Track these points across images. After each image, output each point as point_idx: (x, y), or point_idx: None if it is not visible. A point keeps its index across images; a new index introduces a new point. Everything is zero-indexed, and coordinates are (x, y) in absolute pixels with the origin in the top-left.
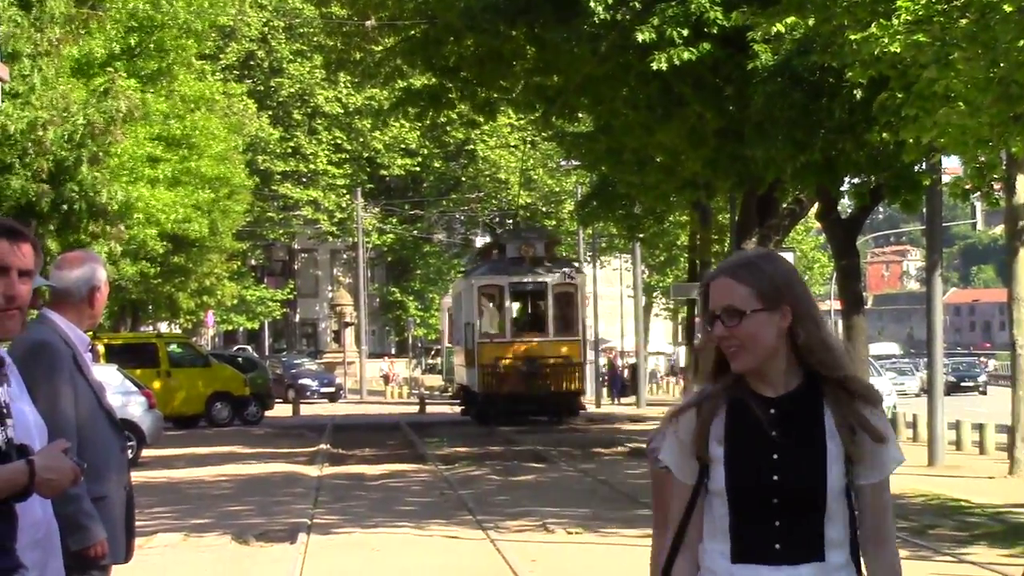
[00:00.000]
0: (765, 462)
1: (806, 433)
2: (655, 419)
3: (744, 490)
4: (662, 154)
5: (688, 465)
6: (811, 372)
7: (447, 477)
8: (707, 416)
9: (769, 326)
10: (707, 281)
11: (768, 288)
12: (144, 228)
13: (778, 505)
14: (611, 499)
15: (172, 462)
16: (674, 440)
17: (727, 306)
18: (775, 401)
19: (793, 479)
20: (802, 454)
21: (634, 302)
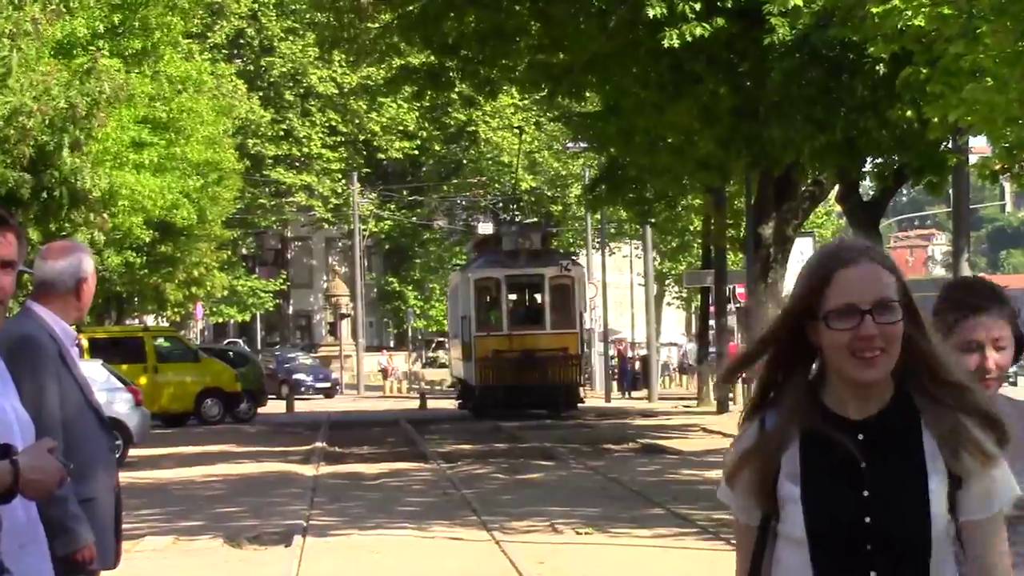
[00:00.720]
0: (854, 501)
1: (903, 463)
2: (667, 414)
3: (829, 536)
4: (674, 135)
5: (753, 503)
6: (900, 386)
7: (450, 476)
8: (774, 446)
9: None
10: (835, 267)
11: (902, 280)
12: (129, 216)
13: (872, 553)
14: (622, 498)
15: (160, 462)
16: (733, 478)
17: (881, 299)
18: (863, 424)
19: (890, 520)
20: (900, 489)
21: (645, 291)
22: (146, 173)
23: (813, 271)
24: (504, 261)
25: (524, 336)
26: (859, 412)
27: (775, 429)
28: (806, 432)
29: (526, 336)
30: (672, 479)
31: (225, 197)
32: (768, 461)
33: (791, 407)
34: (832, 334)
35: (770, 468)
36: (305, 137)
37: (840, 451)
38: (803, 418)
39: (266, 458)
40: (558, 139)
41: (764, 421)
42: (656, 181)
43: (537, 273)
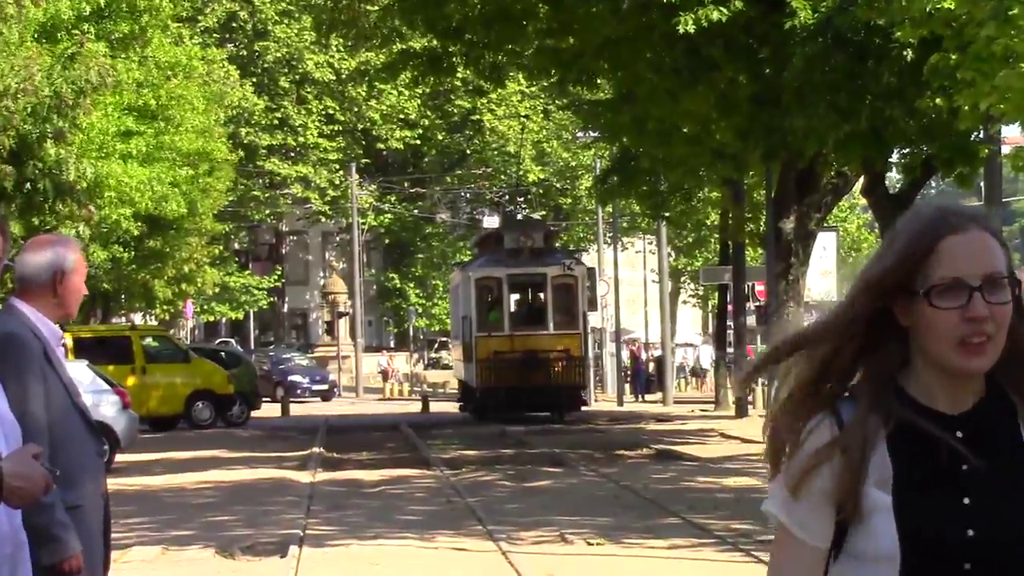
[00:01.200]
0: (956, 510)
1: (1006, 465)
2: (683, 418)
3: (925, 552)
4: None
5: (821, 520)
6: (989, 377)
7: (454, 483)
8: (862, 443)
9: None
10: (942, 234)
11: (1010, 254)
12: (116, 209)
13: (971, 572)
14: (635, 506)
15: (149, 468)
16: (802, 485)
17: (992, 273)
18: (958, 420)
19: (996, 531)
20: (1006, 496)
21: (659, 288)
22: (133, 164)
23: (914, 238)
24: (506, 260)
25: (526, 337)
26: (952, 406)
27: (858, 423)
28: (896, 428)
29: (528, 337)
30: (688, 487)
31: (217, 189)
32: (857, 461)
33: (874, 398)
34: (936, 314)
35: (860, 469)
36: (301, 126)
37: (939, 451)
38: (891, 412)
39: (260, 464)
40: (567, 128)
41: (839, 414)
42: (671, 173)
43: (539, 272)
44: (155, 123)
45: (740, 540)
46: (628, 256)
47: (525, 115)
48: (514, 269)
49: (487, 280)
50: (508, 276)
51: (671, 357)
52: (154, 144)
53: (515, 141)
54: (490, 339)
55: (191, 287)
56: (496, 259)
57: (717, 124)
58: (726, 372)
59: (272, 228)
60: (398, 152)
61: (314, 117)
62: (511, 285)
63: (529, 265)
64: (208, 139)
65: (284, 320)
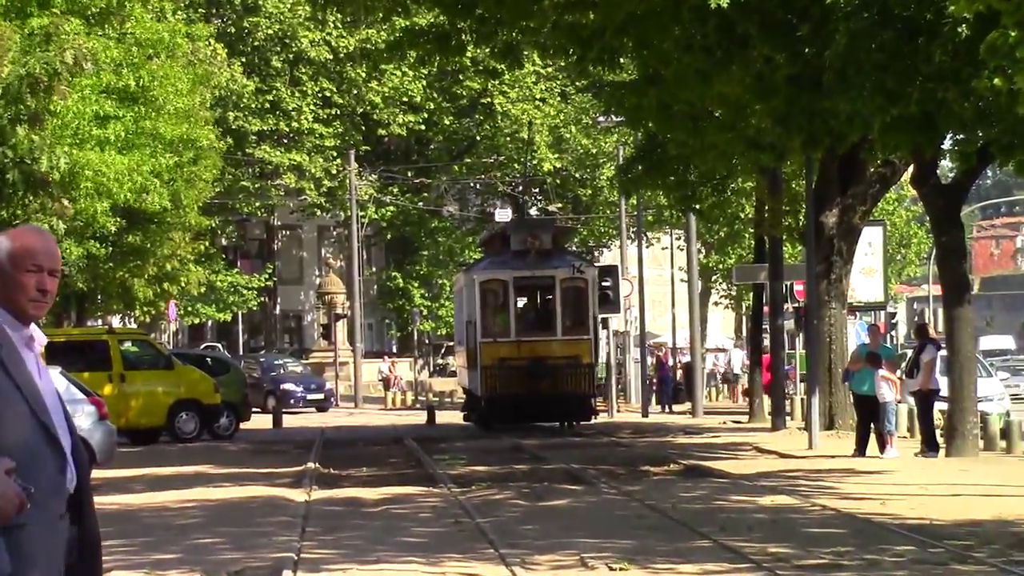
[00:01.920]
0: None
1: None
2: (714, 430)
3: None
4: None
5: None
6: None
7: (462, 502)
8: None
9: None
10: None
11: None
12: (92, 201)
13: None
14: (662, 528)
15: (128, 485)
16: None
17: None
18: None
19: None
20: None
21: (688, 288)
22: (111, 151)
23: None
24: (512, 262)
25: (533, 343)
26: None
27: None
28: None
29: (535, 343)
30: (720, 506)
31: (202, 179)
32: None
33: None
34: None
35: None
36: (294, 110)
37: None
38: None
39: (250, 481)
40: (587, 112)
41: None
42: (701, 161)
43: (547, 275)
44: (135, 107)
45: (777, 565)
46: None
47: (541, 98)
48: (521, 272)
49: (492, 283)
50: (514, 279)
51: (701, 363)
52: (134, 130)
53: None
54: (495, 345)
55: (174, 287)
56: (502, 261)
57: (752, 108)
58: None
59: (263, 222)
60: (401, 138)
61: (309, 100)
62: (517, 288)
63: (536, 267)
64: (193, 124)
65: (276, 323)
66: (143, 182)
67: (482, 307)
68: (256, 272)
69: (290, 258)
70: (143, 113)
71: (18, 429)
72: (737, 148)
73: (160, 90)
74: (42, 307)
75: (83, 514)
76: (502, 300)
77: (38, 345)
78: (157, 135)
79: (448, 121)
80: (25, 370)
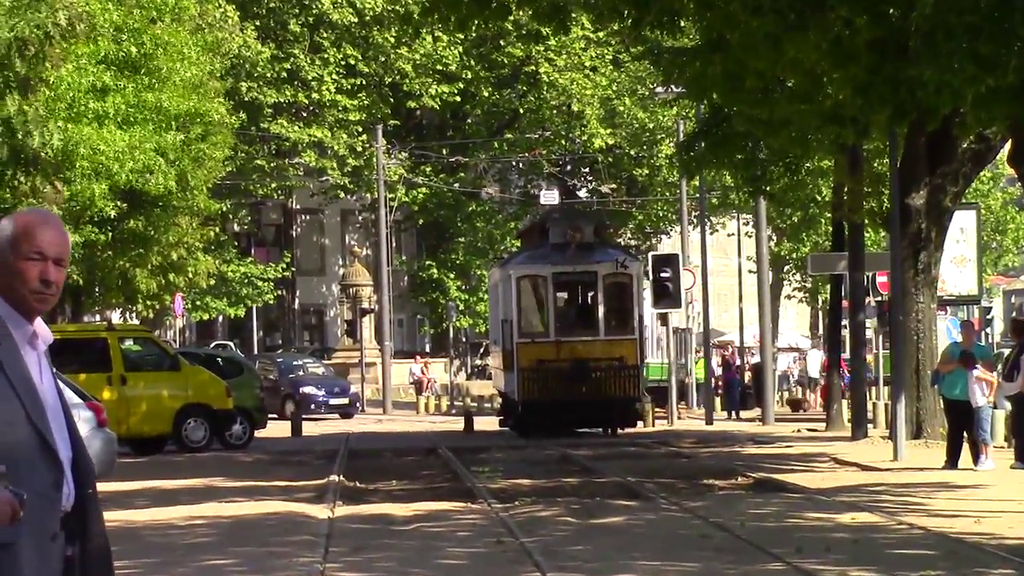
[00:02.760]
0: None
1: None
2: (786, 440)
3: None
4: (796, 77)
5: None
6: None
7: (505, 519)
8: None
9: None
10: None
11: None
12: (89, 182)
13: None
14: (729, 548)
15: (130, 499)
16: None
17: None
18: None
19: None
20: None
21: (758, 280)
22: (110, 127)
23: None
24: (551, 255)
25: (574, 343)
26: None
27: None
28: None
29: (576, 343)
30: (795, 524)
31: (212, 158)
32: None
33: None
34: None
35: None
36: (315, 79)
37: None
38: None
39: (266, 495)
40: (643, 82)
41: None
42: (772, 137)
43: (589, 270)
44: (137, 77)
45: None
46: (718, 240)
47: (591, 66)
48: (560, 266)
49: (529, 279)
50: (553, 274)
51: (772, 365)
52: (135, 103)
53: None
54: (533, 346)
55: (181, 278)
56: (540, 255)
57: (830, 77)
58: (840, 383)
59: (280, 205)
60: (434, 112)
61: (331, 69)
62: (557, 284)
63: (577, 262)
64: (201, 97)
65: (295, 319)
66: (146, 161)
67: (518, 305)
68: (272, 262)
69: (310, 246)
70: (146, 84)
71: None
72: (813, 122)
73: (165, 58)
74: (46, 300)
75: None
76: (540, 297)
77: (42, 343)
78: (161, 109)
79: (487, 92)
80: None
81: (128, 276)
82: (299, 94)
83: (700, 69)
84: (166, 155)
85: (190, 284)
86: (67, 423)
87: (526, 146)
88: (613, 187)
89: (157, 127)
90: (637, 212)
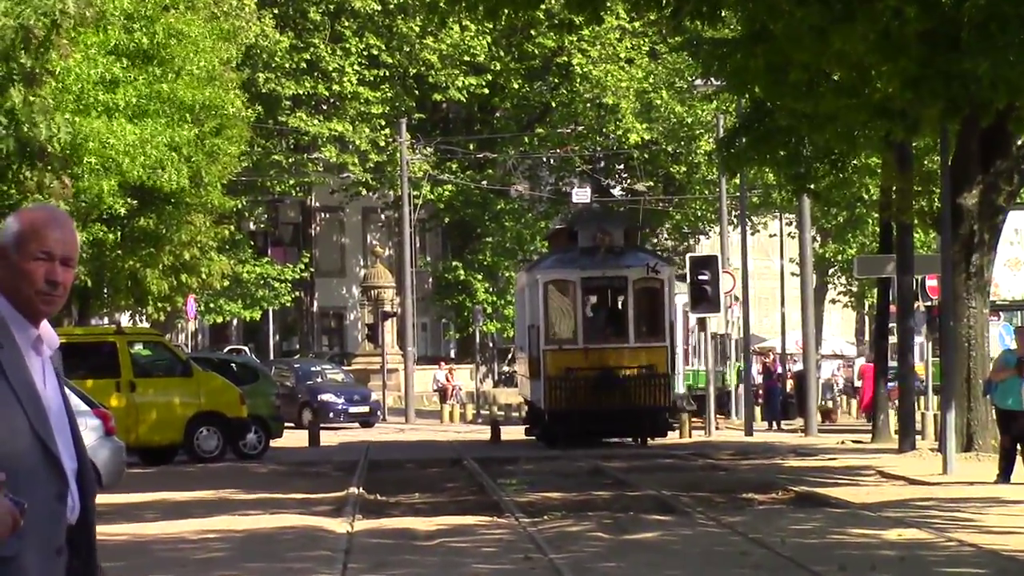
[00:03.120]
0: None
1: None
2: (830, 451)
3: None
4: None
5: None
6: None
7: (533, 534)
8: None
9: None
10: None
11: None
12: (98, 178)
13: None
14: (770, 566)
15: (139, 512)
16: None
17: None
18: None
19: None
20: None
21: (801, 283)
22: (120, 120)
23: None
24: (579, 260)
25: (603, 351)
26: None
27: None
28: None
29: (605, 351)
30: (838, 541)
31: (227, 153)
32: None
33: None
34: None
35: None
36: (336, 71)
37: None
38: None
39: (282, 508)
40: (682, 75)
41: None
42: (817, 133)
43: (619, 275)
44: (148, 68)
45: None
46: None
47: (627, 58)
48: (589, 271)
49: (557, 284)
50: (582, 279)
51: (815, 372)
52: (147, 95)
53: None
54: (561, 353)
55: (193, 279)
56: (568, 259)
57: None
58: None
59: (298, 203)
60: (461, 105)
61: (353, 59)
62: (585, 290)
63: (607, 266)
64: (216, 88)
65: (313, 322)
66: (157, 156)
67: (545, 310)
68: (290, 262)
69: (330, 246)
70: (158, 75)
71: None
72: (860, 117)
73: (178, 48)
74: (53, 302)
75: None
76: (568, 303)
77: (48, 348)
78: (174, 101)
79: (517, 84)
80: (27, 375)
81: (138, 277)
82: (319, 86)
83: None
84: (179, 150)
85: (203, 285)
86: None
87: (557, 141)
88: (649, 185)
89: (169, 120)
90: (674, 212)
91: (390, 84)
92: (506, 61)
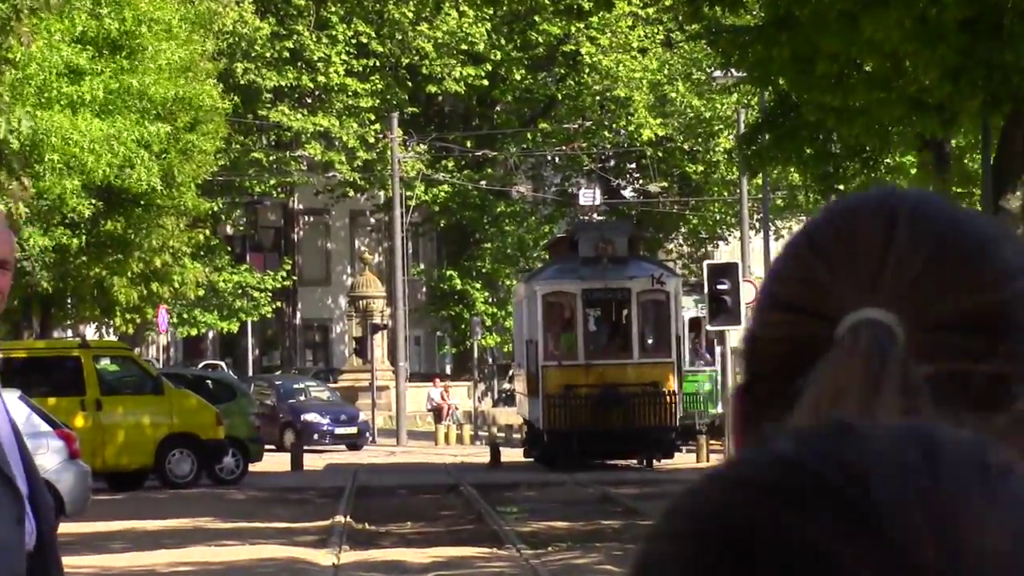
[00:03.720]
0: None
1: None
2: None
3: None
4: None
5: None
6: None
7: (536, 567)
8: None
9: None
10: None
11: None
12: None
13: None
14: None
15: (107, 543)
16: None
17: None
18: None
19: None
20: None
21: None
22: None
23: None
24: (580, 271)
25: (605, 367)
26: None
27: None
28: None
29: (607, 367)
30: None
31: (202, 150)
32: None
33: None
34: None
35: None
36: (321, 60)
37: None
38: None
39: (262, 539)
40: (699, 66)
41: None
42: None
43: (622, 286)
44: (116, 58)
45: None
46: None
47: (639, 47)
48: (590, 283)
49: (557, 296)
50: (583, 291)
51: None
52: (115, 87)
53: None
54: (560, 370)
55: (165, 288)
56: (569, 269)
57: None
58: None
59: (279, 205)
60: (458, 98)
61: (340, 48)
62: (587, 302)
63: (609, 278)
64: (190, 80)
65: (296, 335)
66: (126, 154)
67: (545, 324)
68: (270, 270)
69: (314, 252)
70: (127, 66)
71: None
72: (893, 112)
73: (149, 36)
74: None
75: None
76: (568, 316)
77: None
78: (144, 94)
79: (519, 76)
80: None
81: (105, 286)
82: (303, 77)
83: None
84: (149, 147)
85: (176, 295)
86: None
87: (563, 138)
88: (663, 186)
89: (139, 115)
90: (691, 215)
91: (380, 75)
92: (507, 50)
